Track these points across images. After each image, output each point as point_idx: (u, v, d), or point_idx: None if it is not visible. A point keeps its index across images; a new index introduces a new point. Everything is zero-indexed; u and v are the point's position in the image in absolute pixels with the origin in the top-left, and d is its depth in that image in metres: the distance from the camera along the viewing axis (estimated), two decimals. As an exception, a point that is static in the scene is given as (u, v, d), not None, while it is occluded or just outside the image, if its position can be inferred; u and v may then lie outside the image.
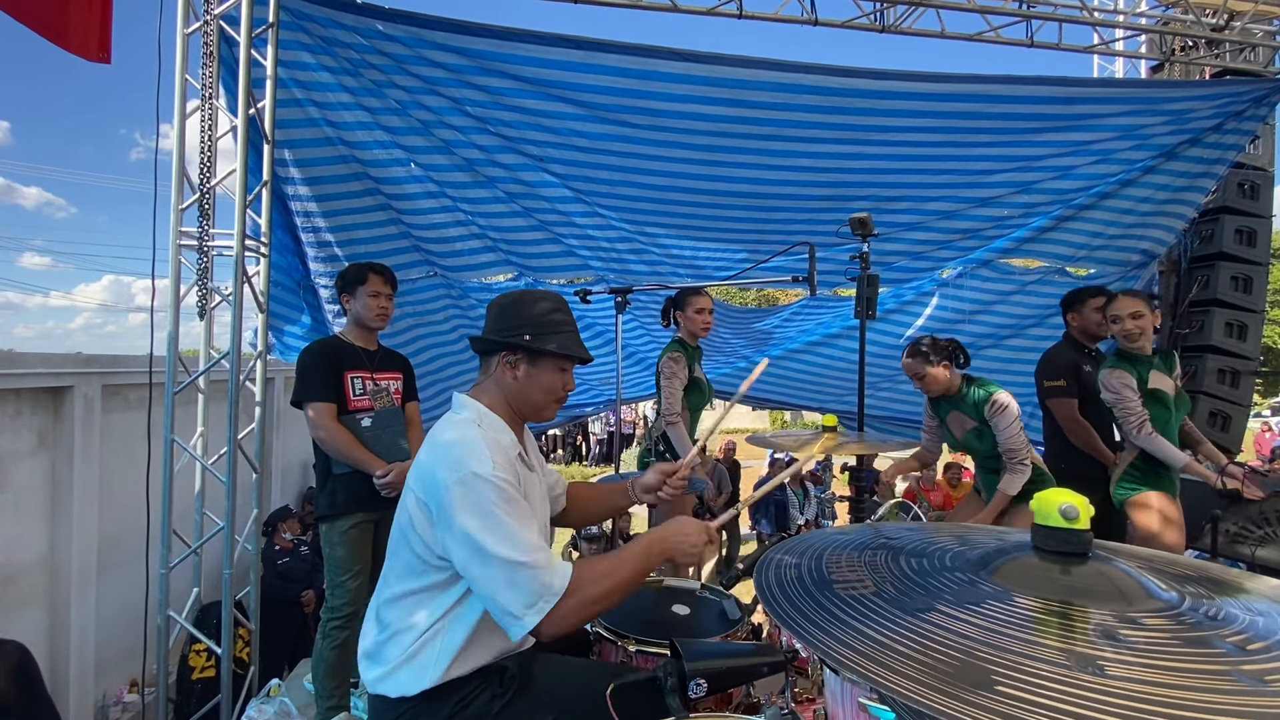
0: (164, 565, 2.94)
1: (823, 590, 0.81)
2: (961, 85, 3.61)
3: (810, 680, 1.85)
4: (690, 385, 3.37)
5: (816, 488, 7.89)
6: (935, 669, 0.61)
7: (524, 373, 1.51)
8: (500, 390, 1.53)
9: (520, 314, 1.51)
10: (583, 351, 1.54)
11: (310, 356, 2.66)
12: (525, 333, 1.48)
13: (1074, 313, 3.38)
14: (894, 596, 0.77)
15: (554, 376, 1.53)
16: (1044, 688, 0.57)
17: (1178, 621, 0.67)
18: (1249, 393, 4.67)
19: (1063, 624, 0.68)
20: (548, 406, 1.56)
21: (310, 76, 3.30)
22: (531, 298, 1.55)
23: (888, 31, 4.06)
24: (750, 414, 19.41)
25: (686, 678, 1.31)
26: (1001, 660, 0.61)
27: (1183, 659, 0.60)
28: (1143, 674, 0.58)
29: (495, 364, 1.52)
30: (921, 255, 4.44)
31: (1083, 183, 4.14)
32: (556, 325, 1.52)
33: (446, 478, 1.31)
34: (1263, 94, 3.97)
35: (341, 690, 2.66)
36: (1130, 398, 2.80)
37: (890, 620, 0.71)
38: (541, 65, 3.35)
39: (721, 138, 3.67)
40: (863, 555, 0.92)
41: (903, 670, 0.61)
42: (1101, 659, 0.61)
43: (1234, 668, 0.59)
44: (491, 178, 3.84)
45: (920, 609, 0.73)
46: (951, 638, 0.66)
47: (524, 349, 1.49)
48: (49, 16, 2.55)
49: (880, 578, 0.83)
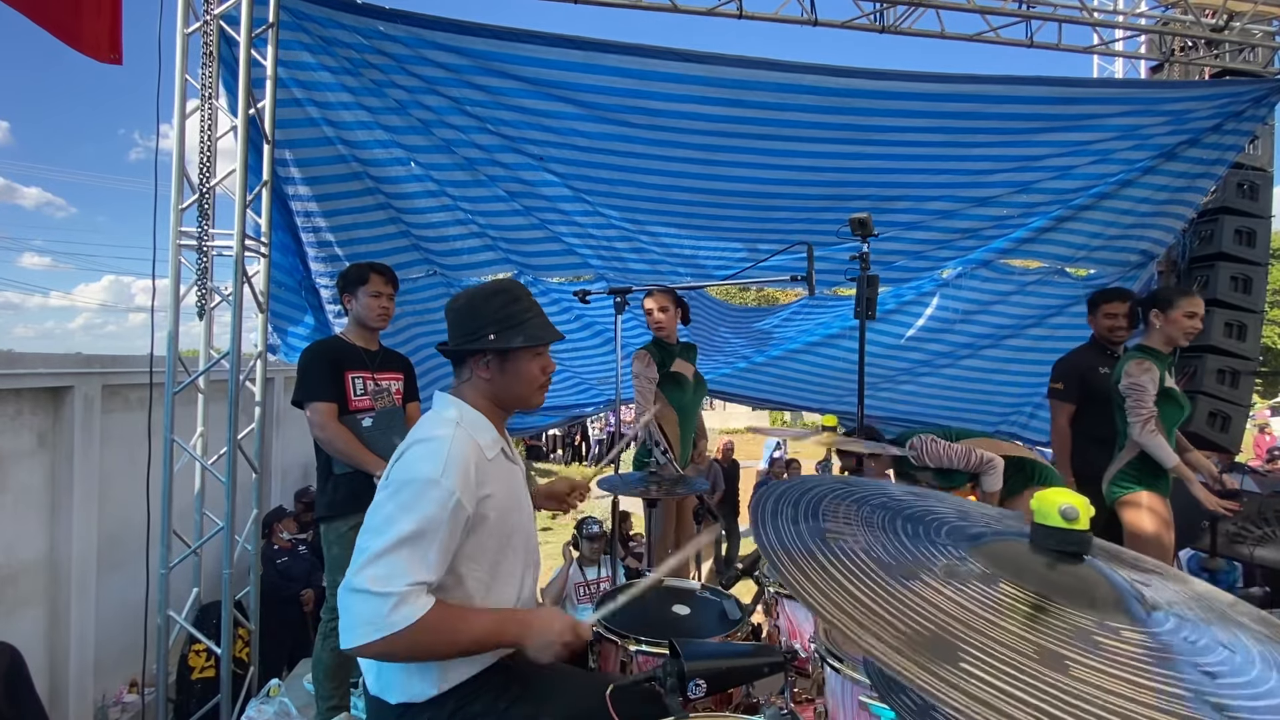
0: (164, 565, 2.94)
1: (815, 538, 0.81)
2: (961, 85, 3.61)
3: (810, 680, 1.85)
4: (666, 380, 3.37)
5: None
6: (906, 635, 0.62)
7: (499, 370, 1.51)
8: (479, 390, 1.53)
9: (479, 314, 1.50)
10: (550, 333, 1.53)
11: (311, 356, 2.67)
12: (489, 332, 1.47)
13: (1092, 316, 3.39)
14: (882, 558, 0.77)
15: (530, 365, 1.53)
16: (1005, 673, 0.58)
17: (1155, 639, 0.67)
18: (1248, 393, 4.67)
19: (1040, 618, 0.68)
20: (533, 394, 1.56)
21: (310, 76, 3.29)
22: (484, 294, 1.53)
23: (888, 32, 4.06)
24: (750, 414, 19.44)
25: (686, 678, 1.31)
26: (971, 640, 0.62)
27: (1148, 676, 0.61)
28: (1104, 680, 0.59)
29: (468, 368, 1.53)
30: (921, 255, 4.45)
31: (1082, 182, 4.14)
32: (517, 316, 1.50)
33: (398, 475, 1.36)
34: (1262, 94, 3.97)
35: (341, 691, 2.66)
36: (1149, 392, 2.80)
37: (875, 581, 0.71)
38: (541, 65, 3.35)
39: (721, 137, 3.67)
40: (860, 510, 0.91)
41: (873, 628, 0.62)
42: (1069, 659, 0.61)
43: (1196, 694, 0.60)
44: (492, 176, 3.85)
45: (904, 575, 0.73)
46: (928, 609, 0.66)
47: (492, 349, 1.49)
48: (62, 18, 2.58)
49: (874, 538, 0.83)
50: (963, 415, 5.16)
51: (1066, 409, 3.28)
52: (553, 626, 1.37)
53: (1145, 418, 2.80)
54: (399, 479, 1.35)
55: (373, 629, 1.21)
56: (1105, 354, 3.30)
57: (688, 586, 2.15)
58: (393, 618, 1.21)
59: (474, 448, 1.42)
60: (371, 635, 1.21)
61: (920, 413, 5.20)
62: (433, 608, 1.26)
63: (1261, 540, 3.67)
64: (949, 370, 4.96)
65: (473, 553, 1.40)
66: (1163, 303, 2.92)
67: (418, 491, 1.31)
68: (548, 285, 4.52)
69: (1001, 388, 4.95)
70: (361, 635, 1.21)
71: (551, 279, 4.51)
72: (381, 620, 1.21)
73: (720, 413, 20.70)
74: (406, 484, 1.33)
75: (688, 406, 3.51)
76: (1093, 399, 3.21)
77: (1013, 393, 4.94)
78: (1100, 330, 3.31)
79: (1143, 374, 2.82)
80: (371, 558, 1.25)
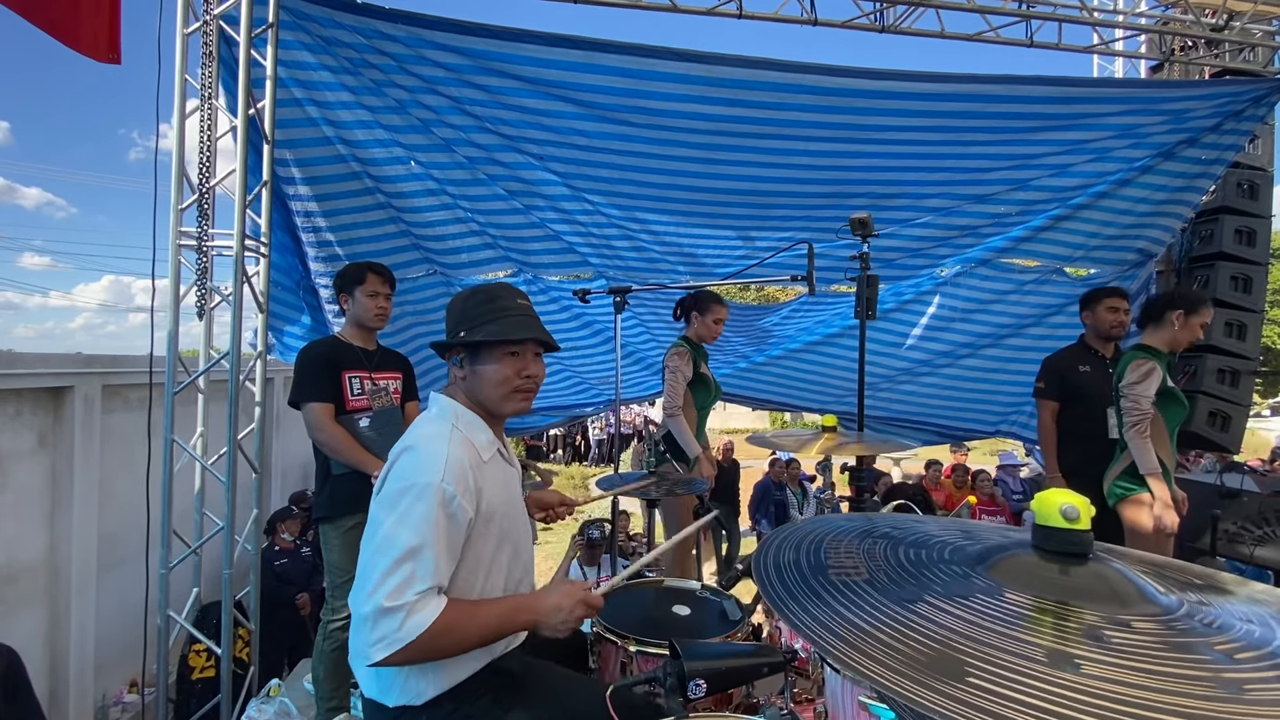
0: (164, 565, 2.94)
1: (817, 575, 0.82)
2: (959, 85, 3.61)
3: (810, 680, 1.85)
4: (696, 381, 3.42)
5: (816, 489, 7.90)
6: (910, 656, 0.62)
7: (470, 370, 1.48)
8: (462, 391, 1.52)
9: (454, 312, 1.49)
10: (525, 331, 1.44)
11: (308, 357, 2.66)
12: (460, 329, 1.46)
13: (1087, 311, 3.41)
14: (884, 585, 0.78)
15: (500, 367, 1.44)
16: (1016, 681, 0.58)
17: (1168, 627, 0.67)
18: (1248, 393, 4.67)
19: (1048, 622, 0.68)
20: (507, 399, 1.46)
21: (310, 76, 3.30)
22: (465, 294, 1.51)
23: (888, 31, 4.06)
24: (750, 414, 19.45)
25: (686, 678, 1.31)
26: (978, 653, 0.62)
27: (1163, 663, 0.61)
28: (1118, 674, 0.59)
29: (450, 369, 1.53)
30: (920, 252, 4.45)
31: (1080, 180, 4.14)
32: (492, 313, 1.44)
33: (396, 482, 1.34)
34: (1261, 94, 3.97)
35: (342, 691, 2.66)
36: (1150, 393, 2.83)
37: (874, 607, 0.72)
38: (541, 65, 3.35)
39: (721, 136, 3.68)
40: (863, 543, 0.93)
41: (875, 655, 0.62)
42: (1080, 658, 0.61)
43: (1215, 675, 0.60)
44: (491, 175, 3.85)
45: (907, 598, 0.74)
46: (932, 628, 0.67)
47: (462, 345, 1.47)
48: (59, 17, 2.57)
49: (875, 566, 0.84)
50: (963, 415, 5.17)
51: (1050, 406, 3.37)
52: (563, 603, 1.38)
53: (1137, 419, 2.84)
54: (397, 487, 1.33)
55: (388, 644, 1.23)
56: (1089, 353, 3.37)
57: (688, 587, 2.15)
58: (406, 629, 1.23)
59: (470, 449, 1.41)
60: (388, 650, 1.23)
61: (920, 412, 5.20)
62: (444, 611, 1.27)
63: (1261, 540, 3.67)
64: (948, 370, 4.96)
65: (464, 555, 1.39)
66: (1188, 305, 2.91)
67: (416, 497, 1.30)
68: (547, 284, 4.52)
69: (1001, 387, 4.96)
70: (378, 652, 1.23)
71: (551, 277, 4.51)
72: (395, 635, 1.23)
73: (720, 413, 20.70)
74: (404, 492, 1.31)
75: (707, 408, 3.59)
76: (1074, 396, 3.29)
77: (1013, 392, 4.94)
78: (1100, 325, 3.33)
79: (1144, 375, 2.85)
80: (381, 576, 1.25)
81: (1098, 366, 3.30)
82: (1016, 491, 7.00)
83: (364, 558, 1.32)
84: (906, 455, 11.10)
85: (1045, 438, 3.40)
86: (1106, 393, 3.19)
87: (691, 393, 3.42)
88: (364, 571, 1.30)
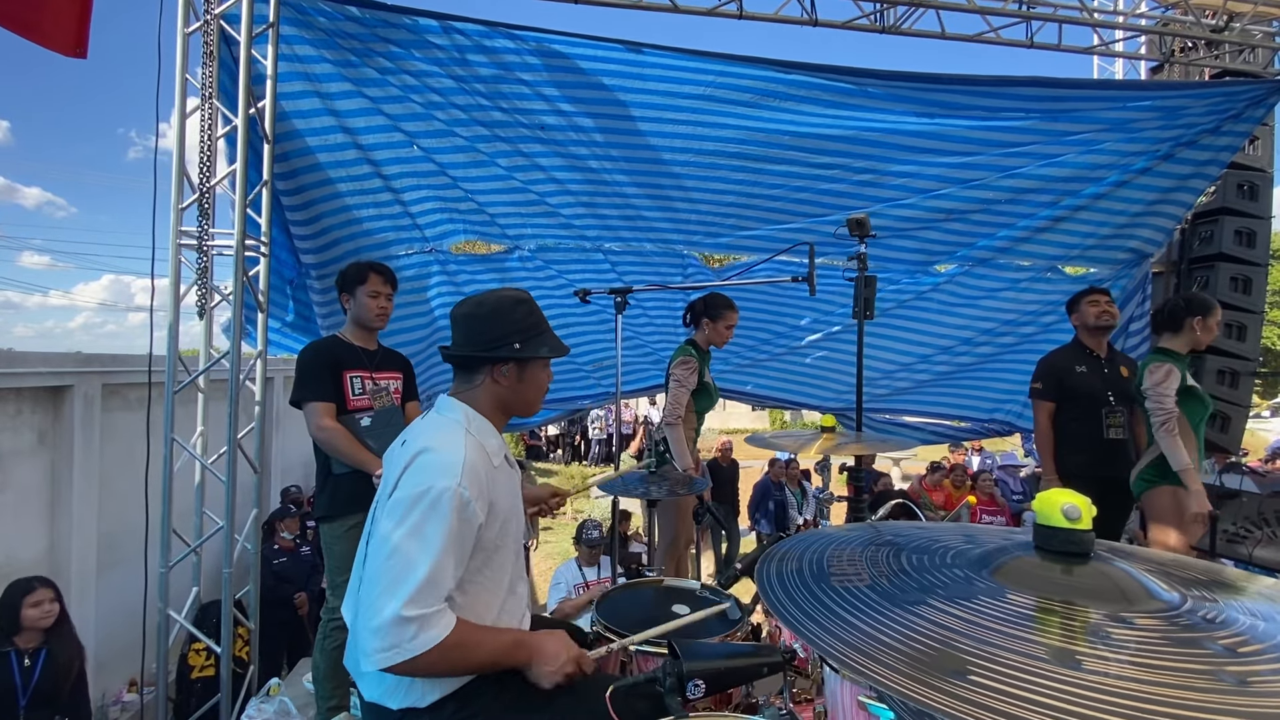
0: (163, 564, 2.94)
1: (819, 583, 0.82)
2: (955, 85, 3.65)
3: (809, 680, 1.85)
4: (699, 390, 3.43)
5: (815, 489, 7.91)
6: (911, 656, 0.62)
7: (518, 378, 1.55)
8: (491, 396, 1.54)
9: (504, 322, 1.52)
10: (564, 346, 1.63)
11: (309, 356, 2.66)
12: (515, 341, 1.52)
13: (1074, 314, 3.44)
14: (886, 589, 0.78)
15: (545, 375, 1.62)
16: (1016, 678, 0.58)
17: (1171, 622, 0.68)
18: (1248, 393, 4.67)
19: (1050, 620, 0.69)
20: (540, 401, 1.66)
21: (310, 69, 3.30)
22: (507, 304, 1.55)
23: (888, 32, 4.06)
24: (750, 414, 19.44)
25: (685, 678, 1.31)
26: (979, 651, 0.62)
27: (1166, 658, 0.61)
28: (1120, 670, 0.59)
29: (483, 374, 1.53)
30: (906, 233, 4.42)
31: (1071, 171, 4.12)
32: (540, 327, 1.58)
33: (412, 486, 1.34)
34: (1260, 95, 3.97)
35: (341, 691, 2.66)
36: (1170, 392, 2.92)
37: (877, 610, 0.72)
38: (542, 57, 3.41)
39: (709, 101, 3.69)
40: (865, 551, 0.93)
41: (877, 656, 0.63)
42: (1080, 654, 0.61)
43: (1218, 668, 0.60)
44: (490, 155, 3.86)
45: (910, 601, 0.74)
46: (934, 629, 0.67)
47: (515, 358, 1.52)
48: (21, 12, 2.49)
49: (878, 572, 0.84)
50: (957, 404, 5.19)
51: (1046, 407, 3.38)
52: (559, 656, 1.44)
53: (1164, 419, 2.91)
54: (415, 491, 1.32)
55: (400, 652, 1.25)
56: (1084, 352, 3.38)
57: (688, 587, 2.15)
58: (420, 640, 1.26)
59: (482, 454, 1.43)
60: (399, 659, 1.25)
61: (916, 404, 5.22)
62: (454, 629, 1.30)
63: (1261, 540, 3.67)
64: (943, 366, 4.99)
65: (470, 554, 1.38)
66: (1203, 309, 3.05)
67: (434, 504, 1.30)
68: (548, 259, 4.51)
69: (997, 374, 5.00)
70: (387, 659, 1.25)
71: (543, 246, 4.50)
72: (408, 644, 1.25)
73: (720, 413, 20.68)
74: (422, 497, 1.31)
75: (706, 411, 3.60)
76: (1071, 397, 3.31)
77: (1008, 380, 4.97)
78: (1087, 319, 3.35)
79: (1163, 377, 2.94)
80: (398, 585, 1.26)
81: (1094, 366, 3.31)
82: (1016, 492, 7.01)
83: (375, 564, 1.32)
84: (906, 455, 11.11)
85: (1042, 440, 3.40)
86: (1103, 393, 3.23)
87: (693, 399, 3.42)
88: (375, 578, 1.30)
